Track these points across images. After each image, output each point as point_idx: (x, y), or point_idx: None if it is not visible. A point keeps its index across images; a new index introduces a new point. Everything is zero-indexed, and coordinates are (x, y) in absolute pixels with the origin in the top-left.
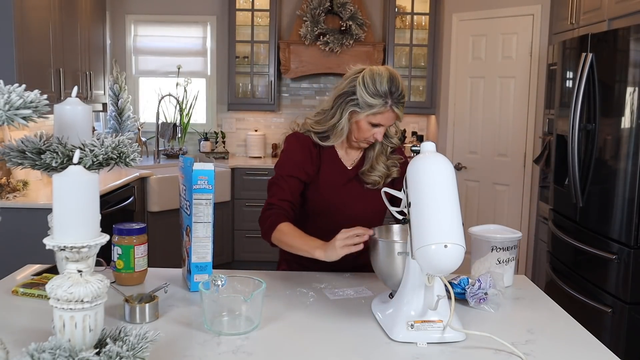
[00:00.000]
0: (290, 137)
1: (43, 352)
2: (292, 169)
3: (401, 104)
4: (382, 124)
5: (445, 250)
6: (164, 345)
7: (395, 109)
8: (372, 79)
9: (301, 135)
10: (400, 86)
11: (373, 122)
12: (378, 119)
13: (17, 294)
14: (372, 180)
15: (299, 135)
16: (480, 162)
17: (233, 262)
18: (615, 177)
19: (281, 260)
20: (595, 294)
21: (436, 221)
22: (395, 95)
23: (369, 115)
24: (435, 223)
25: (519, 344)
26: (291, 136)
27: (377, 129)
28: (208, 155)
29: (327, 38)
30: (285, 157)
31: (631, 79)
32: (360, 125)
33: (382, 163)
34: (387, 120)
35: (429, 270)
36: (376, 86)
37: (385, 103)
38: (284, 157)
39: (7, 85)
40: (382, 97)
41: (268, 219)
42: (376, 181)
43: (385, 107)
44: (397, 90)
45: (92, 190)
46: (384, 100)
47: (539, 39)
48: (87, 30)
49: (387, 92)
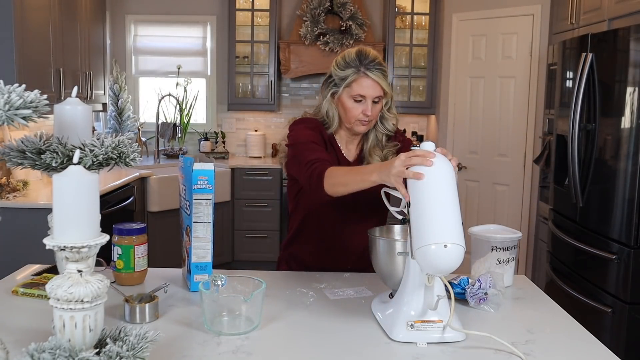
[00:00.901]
0: (298, 121)
1: (43, 352)
2: (311, 138)
3: (377, 70)
4: (363, 94)
5: (445, 250)
6: (164, 345)
7: (370, 74)
8: (342, 57)
9: (310, 119)
10: (372, 55)
11: (354, 96)
12: (355, 89)
13: (17, 294)
14: None
15: (309, 118)
16: (480, 162)
17: (233, 262)
18: (615, 177)
19: (281, 260)
20: (595, 294)
21: (436, 221)
22: (365, 62)
23: (346, 88)
24: (435, 223)
25: (519, 344)
26: (299, 120)
27: (361, 104)
28: (208, 155)
29: (327, 38)
30: (299, 132)
31: (631, 79)
32: (344, 104)
33: (377, 156)
34: (366, 90)
35: (428, 270)
36: (345, 60)
37: (357, 70)
38: (299, 132)
39: (7, 85)
40: (352, 67)
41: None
42: None
43: (357, 74)
44: (367, 57)
45: (92, 190)
46: (355, 68)
47: (539, 39)
48: (87, 30)
49: (355, 60)
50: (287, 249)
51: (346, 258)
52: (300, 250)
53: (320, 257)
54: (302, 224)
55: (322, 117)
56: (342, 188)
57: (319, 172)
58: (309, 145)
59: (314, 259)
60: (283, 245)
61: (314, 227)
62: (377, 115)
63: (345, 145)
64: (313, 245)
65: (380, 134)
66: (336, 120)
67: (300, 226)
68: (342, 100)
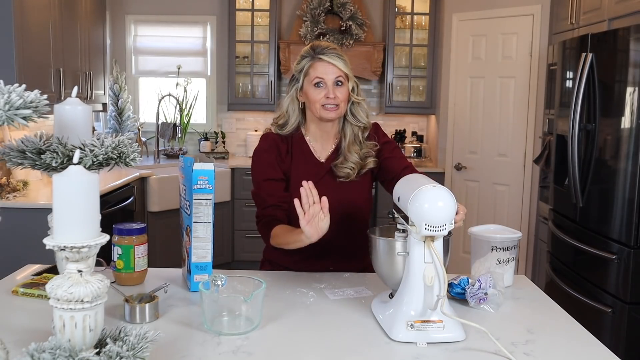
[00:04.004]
0: (258, 143)
1: (43, 352)
2: (264, 172)
3: (331, 53)
4: (321, 77)
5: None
6: (164, 345)
7: (324, 57)
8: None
9: (265, 135)
10: (324, 44)
11: (312, 81)
12: (312, 74)
13: (17, 294)
14: (344, 174)
15: (264, 135)
16: (480, 162)
17: (233, 262)
18: (615, 177)
19: (264, 261)
20: (595, 294)
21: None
22: (318, 50)
23: (305, 78)
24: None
25: (519, 344)
26: (259, 141)
27: (323, 89)
28: (208, 155)
29: (327, 38)
30: (255, 164)
31: (631, 79)
32: (307, 93)
33: (355, 153)
34: (323, 72)
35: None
36: (301, 55)
37: (311, 58)
38: (254, 164)
39: (7, 85)
40: (306, 57)
41: (262, 231)
42: (348, 174)
43: (312, 60)
44: (320, 46)
45: (92, 190)
46: (309, 57)
47: (539, 39)
48: (87, 30)
49: (309, 51)
50: (268, 252)
51: (329, 260)
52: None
53: (303, 262)
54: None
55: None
56: (285, 246)
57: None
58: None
59: (296, 264)
60: (265, 249)
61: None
62: (344, 98)
63: (320, 144)
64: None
65: (356, 128)
66: (295, 117)
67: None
68: (305, 91)
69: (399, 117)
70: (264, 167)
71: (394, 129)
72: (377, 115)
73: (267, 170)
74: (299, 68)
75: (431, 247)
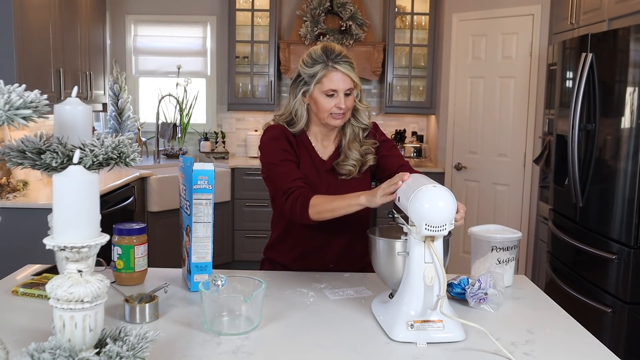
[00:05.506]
0: (265, 132)
1: (43, 352)
2: (280, 155)
3: (344, 62)
4: (335, 89)
5: (435, 189)
6: (164, 345)
7: (339, 67)
8: (308, 55)
9: (273, 126)
10: (337, 49)
11: (325, 91)
12: (327, 84)
13: (17, 294)
14: (346, 171)
15: (272, 126)
16: (480, 162)
17: (233, 262)
18: (615, 177)
19: (264, 260)
20: (595, 294)
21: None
22: (332, 56)
23: (317, 85)
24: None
25: (519, 344)
26: (265, 131)
27: (334, 98)
28: (208, 155)
29: (327, 38)
30: (268, 148)
31: (631, 79)
32: (317, 100)
33: (355, 150)
34: (337, 83)
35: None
36: (312, 57)
37: (325, 66)
38: (267, 149)
39: (7, 85)
40: (319, 62)
41: (296, 202)
42: (350, 171)
43: (326, 69)
44: (333, 52)
45: (92, 190)
46: (323, 63)
47: (539, 39)
48: (87, 30)
49: (322, 56)
50: (268, 251)
51: (329, 258)
52: (282, 253)
53: (302, 260)
54: (285, 230)
55: (287, 118)
56: (329, 214)
57: (302, 202)
58: (281, 168)
59: (295, 262)
60: (265, 248)
61: (297, 232)
62: (351, 106)
63: (320, 143)
64: (296, 248)
65: (357, 128)
66: (304, 119)
67: (283, 232)
68: (315, 97)
69: (399, 117)
70: (278, 151)
71: (394, 129)
72: (377, 115)
73: (283, 154)
74: (310, 72)
75: (431, 247)
